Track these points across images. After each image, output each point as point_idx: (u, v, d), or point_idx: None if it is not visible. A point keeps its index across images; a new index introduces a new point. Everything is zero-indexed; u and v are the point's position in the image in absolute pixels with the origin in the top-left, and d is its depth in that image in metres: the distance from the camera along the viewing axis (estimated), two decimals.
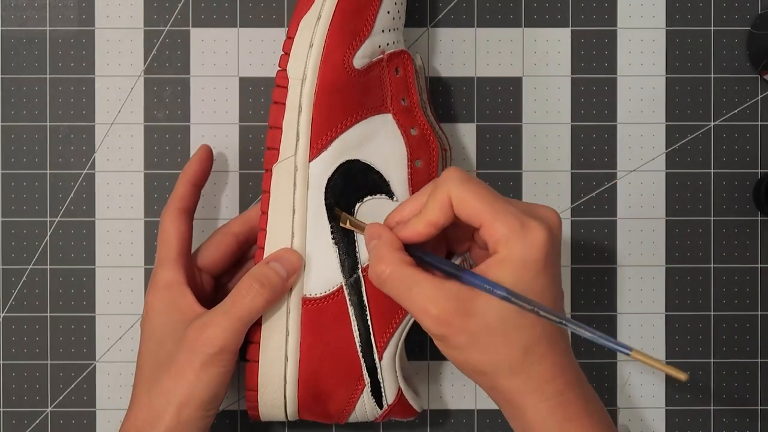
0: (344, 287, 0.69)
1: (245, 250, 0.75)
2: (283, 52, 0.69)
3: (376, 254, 0.65)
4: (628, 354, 0.61)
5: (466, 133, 0.79)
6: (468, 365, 0.63)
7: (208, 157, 0.74)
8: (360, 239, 0.69)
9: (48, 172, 0.78)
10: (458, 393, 0.79)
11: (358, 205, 0.69)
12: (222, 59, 0.79)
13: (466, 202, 0.63)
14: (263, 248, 0.69)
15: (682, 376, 0.60)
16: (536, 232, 0.61)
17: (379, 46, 0.70)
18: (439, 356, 0.78)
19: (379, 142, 0.70)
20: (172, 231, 0.71)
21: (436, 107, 0.78)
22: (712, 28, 0.79)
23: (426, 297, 0.62)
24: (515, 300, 0.61)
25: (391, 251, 0.64)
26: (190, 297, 0.69)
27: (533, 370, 0.62)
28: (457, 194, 0.63)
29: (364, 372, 0.69)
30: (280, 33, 0.78)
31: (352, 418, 0.71)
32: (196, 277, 0.73)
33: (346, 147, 0.69)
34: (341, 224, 0.69)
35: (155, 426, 0.66)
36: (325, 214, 0.69)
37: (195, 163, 0.74)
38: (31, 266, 0.78)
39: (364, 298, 0.69)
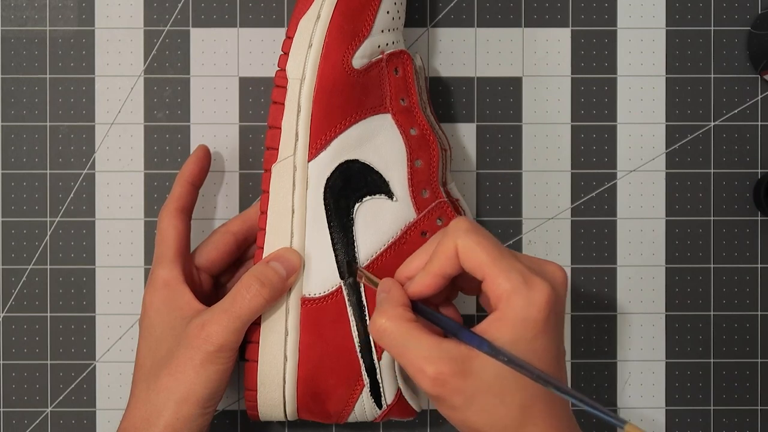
0: (343, 287, 0.69)
1: (244, 250, 0.75)
2: (282, 52, 0.69)
3: (378, 308, 0.64)
4: (622, 427, 0.59)
5: (466, 133, 0.79)
6: (465, 425, 0.63)
7: (206, 156, 0.75)
8: (359, 240, 0.69)
9: (48, 172, 0.78)
10: None
11: (357, 205, 0.69)
12: (222, 59, 0.79)
13: (472, 253, 0.62)
14: (263, 248, 0.69)
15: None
16: (539, 291, 0.61)
17: (379, 46, 0.70)
18: None
19: (379, 142, 0.70)
20: (169, 230, 0.71)
21: (436, 107, 0.78)
22: (712, 28, 0.79)
23: (422, 356, 0.61)
24: (515, 366, 0.60)
25: (393, 306, 0.64)
26: (189, 294, 0.69)
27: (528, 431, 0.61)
28: (463, 244, 0.62)
29: (363, 372, 0.69)
30: (280, 33, 0.78)
31: (351, 418, 0.71)
32: (195, 276, 0.73)
33: (345, 147, 0.69)
34: (357, 279, 0.69)
35: (154, 423, 0.66)
36: (324, 214, 0.69)
37: (192, 162, 0.74)
38: (31, 266, 0.78)
39: (363, 298, 0.69)
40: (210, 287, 0.74)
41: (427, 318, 0.65)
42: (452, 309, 0.70)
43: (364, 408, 0.70)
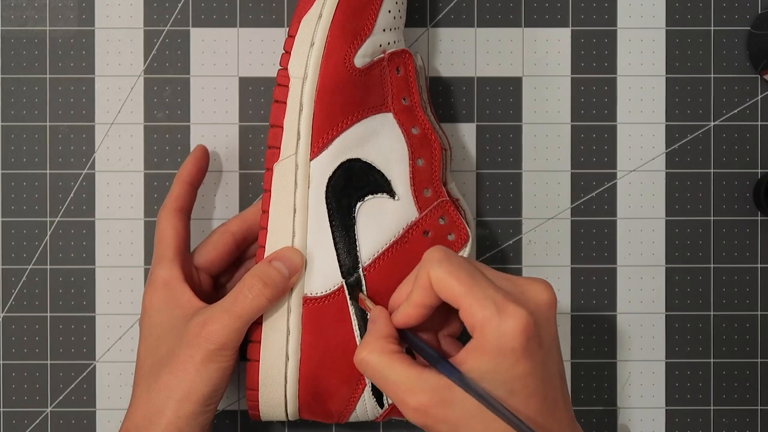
0: (345, 287, 0.69)
1: (243, 250, 0.75)
2: (284, 51, 0.69)
3: (363, 340, 0.64)
4: None
5: (466, 133, 0.79)
6: None
7: (204, 156, 0.75)
8: (361, 239, 0.69)
9: (48, 172, 0.78)
10: None
11: (359, 204, 0.69)
12: (222, 59, 0.79)
13: (444, 284, 0.61)
14: (264, 247, 0.69)
15: None
16: (512, 318, 0.60)
17: (380, 45, 0.70)
18: None
19: (380, 141, 0.70)
20: (168, 230, 0.71)
21: (436, 107, 0.78)
22: (712, 28, 0.79)
23: (403, 388, 0.61)
24: (483, 401, 0.59)
25: (375, 338, 0.64)
26: (189, 293, 0.69)
27: None
28: (435, 275, 0.62)
29: None
30: (280, 33, 0.78)
31: (352, 418, 0.71)
32: (194, 276, 0.73)
33: (347, 146, 0.69)
34: (359, 305, 0.69)
35: (155, 421, 0.66)
36: (326, 213, 0.69)
37: (191, 162, 0.74)
38: (31, 266, 0.78)
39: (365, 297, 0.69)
40: (210, 287, 0.74)
41: (411, 346, 0.65)
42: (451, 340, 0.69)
43: (365, 407, 0.70)
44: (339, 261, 0.69)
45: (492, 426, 0.60)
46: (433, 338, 0.68)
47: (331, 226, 0.69)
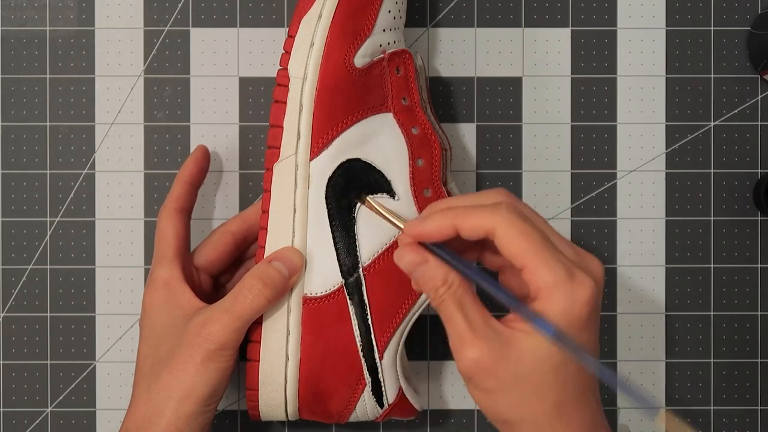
0: (345, 287, 0.69)
1: (243, 250, 0.75)
2: (284, 51, 0.69)
3: (425, 279, 0.62)
4: (654, 415, 0.58)
5: (466, 133, 0.79)
6: (492, 410, 0.61)
7: (205, 157, 0.75)
8: (361, 239, 0.69)
9: (48, 172, 0.78)
10: (458, 393, 0.79)
11: (359, 204, 0.69)
12: (222, 59, 0.79)
13: (514, 242, 0.59)
14: (264, 247, 0.69)
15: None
16: (583, 286, 0.58)
17: (380, 45, 0.70)
18: (439, 356, 0.78)
19: (380, 141, 0.70)
20: (168, 230, 0.71)
21: (436, 107, 0.78)
22: (712, 28, 0.79)
23: (462, 334, 0.59)
24: (561, 342, 0.58)
25: (436, 278, 0.61)
26: (189, 293, 0.69)
27: (559, 429, 0.60)
28: (505, 231, 0.59)
29: (365, 371, 0.69)
30: (280, 33, 0.78)
31: (352, 418, 0.71)
32: (194, 276, 0.73)
33: (347, 146, 0.69)
34: (365, 205, 0.68)
35: (155, 422, 0.66)
36: (326, 213, 0.69)
37: (191, 163, 0.74)
38: (31, 266, 0.78)
39: (365, 297, 0.69)
40: (210, 287, 0.74)
41: (486, 287, 0.62)
42: None
43: (365, 407, 0.70)
44: (339, 261, 0.69)
45: (542, 391, 0.59)
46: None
47: (331, 226, 0.69)
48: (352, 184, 0.69)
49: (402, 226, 0.66)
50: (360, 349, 0.69)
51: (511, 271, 0.66)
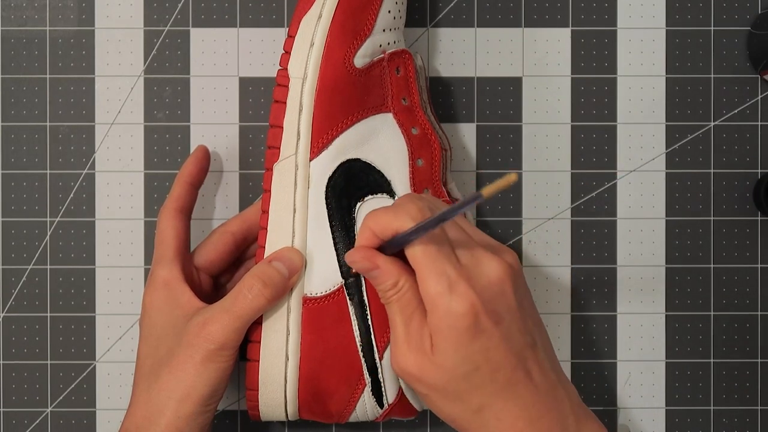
0: (345, 287, 0.69)
1: (243, 250, 0.75)
2: (284, 51, 0.69)
3: (389, 271, 0.65)
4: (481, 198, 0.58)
5: (466, 133, 0.79)
6: (428, 407, 0.66)
7: (205, 157, 0.75)
8: None
9: (48, 172, 0.78)
10: None
11: (359, 204, 0.69)
12: (222, 59, 0.79)
13: (412, 246, 0.63)
14: (264, 247, 0.69)
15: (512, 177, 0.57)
16: (459, 299, 0.62)
17: (380, 46, 0.70)
18: None
19: (380, 141, 0.70)
20: (169, 230, 0.71)
21: (436, 107, 0.78)
22: (712, 28, 0.79)
23: (403, 335, 0.64)
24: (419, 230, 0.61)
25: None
26: (189, 293, 0.69)
27: (491, 425, 0.64)
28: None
29: (365, 371, 0.69)
30: (280, 33, 0.78)
31: (352, 418, 0.71)
32: (195, 276, 0.73)
33: (346, 146, 0.69)
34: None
35: (155, 422, 0.66)
36: (326, 213, 0.69)
37: (192, 163, 0.74)
38: (31, 266, 0.78)
39: (365, 297, 0.69)
40: (210, 288, 0.74)
41: (397, 243, 0.64)
42: None
43: (365, 407, 0.70)
44: (339, 261, 0.69)
45: (463, 396, 0.63)
46: None
47: (331, 227, 0.69)
48: (352, 184, 0.69)
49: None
50: (360, 349, 0.69)
51: None
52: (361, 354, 0.69)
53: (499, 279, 0.64)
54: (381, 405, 0.70)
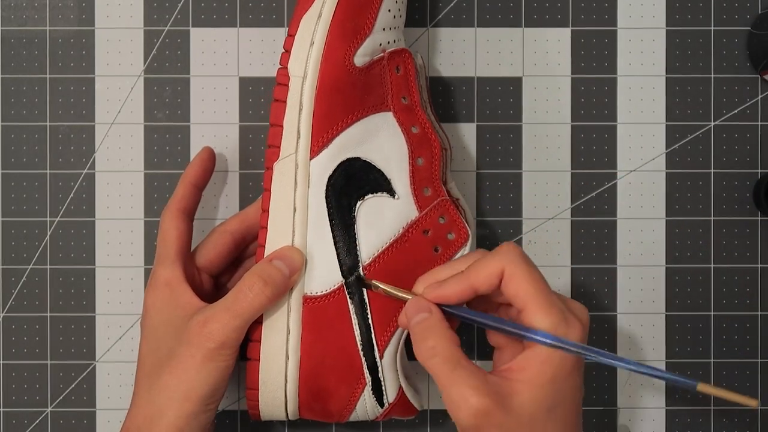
0: (345, 286, 0.69)
1: (242, 249, 0.76)
2: (284, 50, 0.69)
3: (426, 329, 0.65)
4: (694, 387, 0.61)
5: (466, 133, 0.79)
6: None
7: (210, 158, 0.75)
8: (361, 238, 0.69)
9: (48, 172, 0.78)
10: None
11: (359, 203, 0.69)
12: (222, 59, 0.79)
13: (518, 282, 0.63)
14: (264, 246, 0.69)
15: (753, 402, 0.61)
16: (575, 330, 0.63)
17: (380, 45, 0.70)
18: None
19: (380, 140, 0.70)
20: (171, 230, 0.71)
21: (436, 107, 0.78)
22: (712, 28, 0.79)
23: (469, 384, 0.62)
24: (564, 345, 0.62)
25: (444, 328, 0.65)
26: (190, 293, 0.69)
27: None
28: (512, 270, 0.63)
29: (365, 370, 0.69)
30: (280, 33, 0.78)
31: (352, 417, 0.71)
32: (195, 276, 0.73)
33: (347, 145, 0.69)
34: (372, 290, 0.69)
35: (156, 421, 0.66)
36: (326, 212, 0.69)
37: (196, 164, 0.74)
38: (31, 266, 0.78)
39: (365, 296, 0.69)
40: (210, 287, 0.74)
41: (468, 319, 0.66)
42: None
43: (365, 406, 0.70)
44: (339, 260, 0.69)
45: (539, 430, 0.62)
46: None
47: (331, 225, 0.69)
48: (352, 183, 0.69)
49: (417, 294, 0.68)
50: (360, 348, 0.69)
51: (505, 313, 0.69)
52: (361, 353, 0.69)
53: (588, 322, 0.65)
54: (381, 404, 0.70)
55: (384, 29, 0.70)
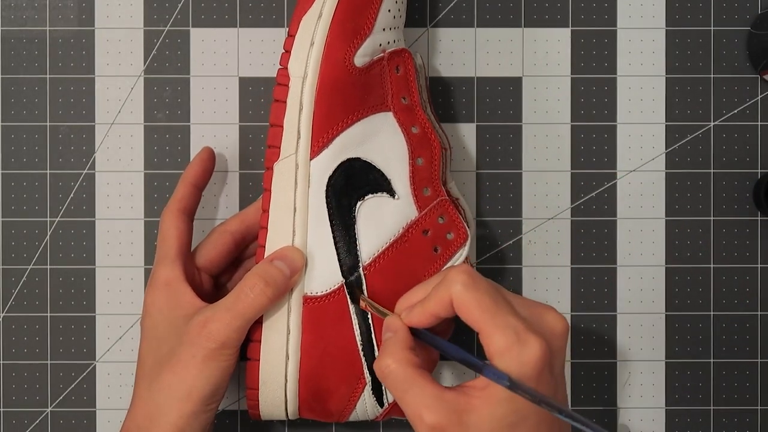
0: (345, 286, 0.69)
1: (242, 249, 0.76)
2: (284, 50, 0.69)
3: (385, 348, 0.65)
4: None
5: (466, 133, 0.79)
6: None
7: (210, 158, 0.75)
8: (361, 238, 0.69)
9: (48, 172, 0.78)
10: None
11: (359, 203, 0.69)
12: (222, 59, 0.79)
13: (467, 308, 0.63)
14: (264, 246, 0.69)
15: None
16: (531, 348, 0.61)
17: (380, 45, 0.70)
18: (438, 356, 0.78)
19: (380, 140, 0.70)
20: (171, 230, 0.71)
21: (436, 107, 0.78)
22: (712, 28, 0.79)
23: (422, 403, 0.62)
24: (519, 390, 0.61)
25: (401, 348, 0.64)
26: (191, 293, 0.69)
27: None
28: (458, 297, 0.63)
29: (365, 370, 0.69)
30: (280, 33, 0.78)
31: (352, 417, 0.71)
32: (195, 276, 0.73)
33: (347, 145, 0.69)
34: (360, 306, 0.69)
35: (156, 421, 0.66)
36: (326, 213, 0.69)
37: (196, 164, 0.74)
38: (31, 266, 0.78)
39: (365, 296, 0.69)
40: (211, 287, 0.74)
41: (430, 344, 0.66)
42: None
43: (365, 406, 0.70)
44: (339, 260, 0.69)
45: None
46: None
47: (331, 226, 0.69)
48: (352, 183, 0.69)
49: (395, 314, 0.68)
50: (360, 348, 0.69)
51: None
52: (361, 353, 0.69)
53: (562, 332, 0.64)
54: (381, 404, 0.70)
55: (384, 29, 0.70)
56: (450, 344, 0.65)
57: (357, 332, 0.69)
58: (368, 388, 0.70)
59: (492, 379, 0.61)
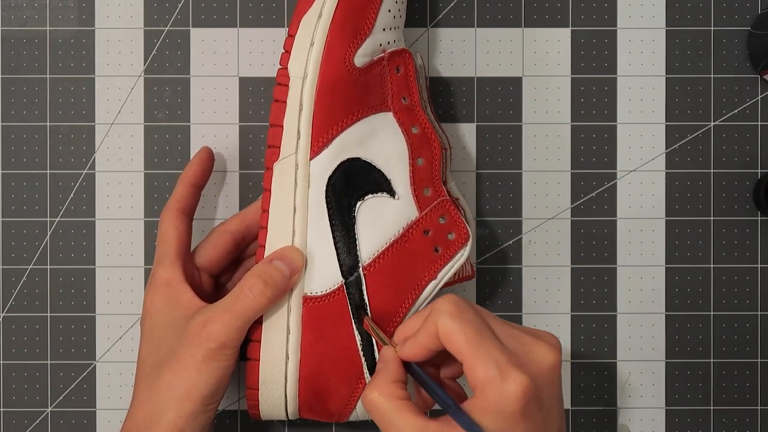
0: (345, 286, 0.69)
1: (242, 249, 0.75)
2: (284, 50, 0.69)
3: (373, 379, 0.65)
4: None
5: (466, 133, 0.79)
6: None
7: (209, 158, 0.75)
8: (361, 238, 0.69)
9: (48, 172, 0.78)
10: None
11: (359, 203, 0.69)
12: (222, 59, 0.79)
13: (451, 338, 0.62)
14: (264, 246, 0.69)
15: None
16: (513, 383, 0.60)
17: (380, 45, 0.70)
18: None
19: (380, 140, 0.70)
20: (171, 231, 0.71)
21: (436, 107, 0.78)
22: (712, 28, 0.79)
23: (417, 426, 0.62)
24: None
25: (386, 381, 0.64)
26: (191, 293, 0.69)
27: None
28: (443, 328, 0.62)
29: (365, 370, 0.69)
30: (280, 33, 0.78)
31: (352, 417, 0.71)
32: (195, 276, 0.73)
33: (347, 145, 0.69)
34: (363, 327, 0.69)
35: (156, 421, 0.66)
36: (326, 213, 0.69)
37: (195, 164, 0.74)
38: (31, 266, 0.78)
39: (365, 296, 0.69)
40: (210, 287, 0.74)
41: (418, 382, 0.66)
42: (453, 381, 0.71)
43: None
44: (339, 260, 0.69)
45: None
46: (435, 374, 0.69)
47: (331, 226, 0.69)
48: (352, 184, 0.69)
49: (393, 344, 0.68)
50: (360, 348, 0.69)
51: None
52: (361, 353, 0.69)
53: (552, 366, 0.63)
54: None
55: (384, 29, 0.70)
56: (432, 383, 0.65)
57: (357, 332, 0.69)
58: None
59: (465, 429, 0.61)
